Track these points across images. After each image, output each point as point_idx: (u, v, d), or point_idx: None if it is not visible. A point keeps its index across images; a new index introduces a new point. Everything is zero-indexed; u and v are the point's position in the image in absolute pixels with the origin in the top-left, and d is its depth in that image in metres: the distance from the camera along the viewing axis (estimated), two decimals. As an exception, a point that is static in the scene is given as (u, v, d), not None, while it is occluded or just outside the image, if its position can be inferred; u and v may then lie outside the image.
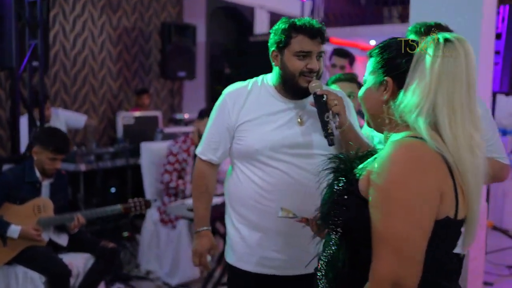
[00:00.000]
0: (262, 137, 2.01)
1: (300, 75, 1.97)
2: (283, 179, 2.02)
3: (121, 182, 4.90)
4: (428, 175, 1.19)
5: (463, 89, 1.22)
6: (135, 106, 6.69)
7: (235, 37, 8.56)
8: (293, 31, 1.96)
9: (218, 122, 2.10)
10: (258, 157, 2.02)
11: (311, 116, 2.04)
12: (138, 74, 7.04)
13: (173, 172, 4.28)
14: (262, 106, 2.05)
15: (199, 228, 2.19)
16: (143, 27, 7.05)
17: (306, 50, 1.94)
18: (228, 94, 2.11)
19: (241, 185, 2.08)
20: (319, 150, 2.01)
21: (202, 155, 2.16)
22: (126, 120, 5.01)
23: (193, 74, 6.80)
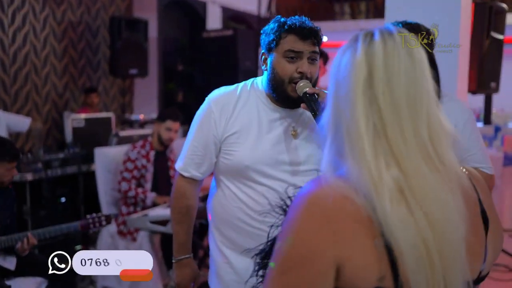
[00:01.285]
0: (253, 151, 1.76)
1: (289, 82, 1.72)
2: (277, 199, 1.77)
3: (72, 191, 4.50)
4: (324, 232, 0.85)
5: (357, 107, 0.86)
6: (83, 106, 6.24)
7: (187, 33, 8.22)
8: (283, 31, 1.73)
9: (202, 134, 1.83)
10: (248, 174, 1.78)
11: (306, 127, 1.81)
12: (85, 72, 6.58)
13: (132, 180, 3.94)
14: (252, 115, 1.79)
15: (180, 256, 1.92)
16: (90, 21, 6.59)
17: (296, 49, 1.70)
18: (214, 101, 1.84)
19: (228, 205, 1.84)
20: (315, 165, 1.78)
21: (184, 171, 1.88)
22: (76, 122, 4.60)
23: (145, 71, 6.42)
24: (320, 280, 0.84)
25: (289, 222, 0.88)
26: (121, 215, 3.98)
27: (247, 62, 7.35)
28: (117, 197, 4.17)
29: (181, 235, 1.91)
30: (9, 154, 2.94)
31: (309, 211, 0.86)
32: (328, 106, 0.92)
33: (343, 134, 0.87)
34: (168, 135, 4.04)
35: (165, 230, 3.43)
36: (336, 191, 0.85)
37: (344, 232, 0.83)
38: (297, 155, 1.77)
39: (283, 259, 0.87)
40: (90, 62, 6.63)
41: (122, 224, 3.93)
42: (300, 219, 0.86)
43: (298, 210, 0.87)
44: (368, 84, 0.86)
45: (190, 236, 1.93)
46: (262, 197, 1.77)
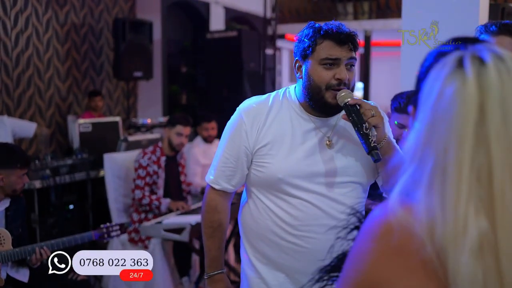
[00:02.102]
0: (287, 164, 1.69)
1: (327, 89, 1.65)
2: (312, 212, 1.70)
3: (80, 198, 4.40)
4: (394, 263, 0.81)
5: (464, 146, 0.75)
6: (87, 110, 6.14)
7: (190, 34, 8.13)
8: (319, 37, 1.66)
9: (233, 145, 1.76)
10: (281, 187, 1.70)
11: (341, 136, 1.73)
12: (89, 74, 6.48)
13: (145, 187, 3.85)
14: (285, 126, 1.72)
15: (212, 271, 1.84)
16: (93, 23, 6.49)
17: (333, 56, 1.63)
18: (245, 111, 1.77)
19: (261, 218, 1.76)
20: (352, 177, 1.71)
21: (215, 184, 1.81)
22: (83, 127, 4.50)
23: (150, 73, 6.33)
24: None
25: (359, 249, 0.84)
26: (132, 222, 3.89)
27: (251, 64, 7.27)
28: (127, 204, 4.08)
29: (213, 250, 1.84)
30: (20, 161, 2.84)
31: (380, 241, 0.81)
32: (418, 133, 0.81)
33: (434, 168, 0.77)
34: (179, 140, 3.96)
35: (180, 238, 3.35)
36: (404, 225, 0.79)
37: (414, 265, 0.78)
38: (332, 166, 1.70)
39: (348, 280, 0.85)
40: (93, 64, 6.53)
41: (134, 231, 3.84)
42: (368, 245, 0.82)
43: (369, 239, 0.83)
44: (479, 123, 0.75)
45: (222, 251, 1.86)
46: (296, 210, 1.70)
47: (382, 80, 9.49)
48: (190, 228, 3.31)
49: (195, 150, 4.66)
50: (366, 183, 1.76)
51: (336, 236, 1.12)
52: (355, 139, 1.70)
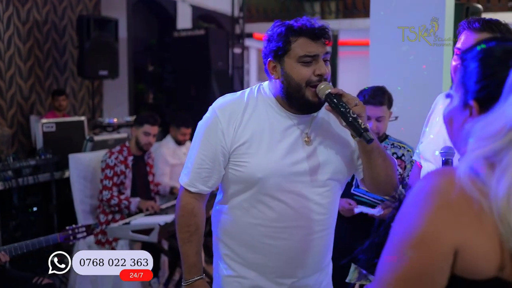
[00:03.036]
0: (267, 163, 1.64)
1: (307, 86, 1.61)
2: (288, 214, 1.67)
3: (44, 200, 4.27)
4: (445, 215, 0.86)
5: None
6: (50, 109, 5.99)
7: (157, 33, 8.03)
8: (292, 34, 1.62)
9: (209, 145, 1.69)
10: (261, 187, 1.66)
11: (319, 132, 1.70)
12: (52, 73, 6.32)
13: (113, 187, 3.76)
14: (263, 123, 1.68)
15: (192, 277, 1.76)
16: (57, 21, 6.33)
17: (312, 53, 1.60)
18: (220, 109, 1.70)
19: (238, 220, 1.72)
20: (331, 174, 1.68)
21: (191, 187, 1.74)
22: (46, 127, 4.37)
23: (116, 72, 6.20)
24: (437, 264, 0.85)
25: (406, 207, 0.89)
26: (99, 224, 3.80)
27: (219, 63, 7.23)
28: (93, 205, 3.98)
29: (191, 256, 1.76)
30: None
31: (430, 196, 0.86)
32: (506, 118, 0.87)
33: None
34: (147, 140, 3.89)
35: (148, 239, 3.29)
36: (464, 188, 0.85)
37: (466, 217, 0.84)
38: (312, 163, 1.66)
39: (400, 240, 0.88)
40: (57, 63, 6.37)
41: (101, 233, 3.75)
42: (418, 203, 0.87)
43: (417, 195, 0.88)
44: None
45: (200, 256, 1.79)
46: (273, 212, 1.67)
47: (349, 79, 9.58)
48: (158, 229, 3.25)
49: (164, 150, 4.59)
50: (344, 179, 1.74)
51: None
52: (334, 134, 1.69)
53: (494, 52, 0.99)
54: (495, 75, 0.95)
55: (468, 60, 1.01)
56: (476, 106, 0.97)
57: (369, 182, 1.71)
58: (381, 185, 1.69)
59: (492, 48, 0.99)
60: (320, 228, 1.70)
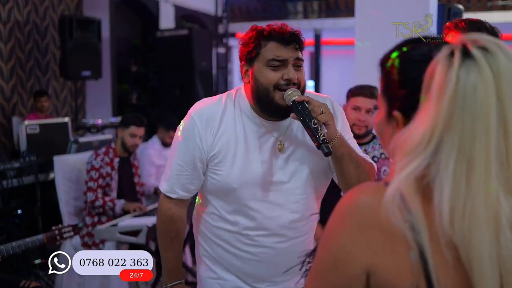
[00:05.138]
0: (242, 173, 1.63)
1: (275, 89, 1.58)
2: (265, 223, 1.66)
3: (29, 203, 4.22)
4: (355, 238, 0.85)
5: (490, 133, 0.78)
6: (32, 110, 5.91)
7: (140, 33, 7.98)
8: (262, 38, 1.59)
9: (187, 151, 1.65)
10: (236, 196, 1.65)
11: (293, 140, 1.68)
12: (34, 74, 6.24)
13: (98, 189, 3.74)
14: (238, 131, 1.66)
15: (172, 281, 1.77)
16: (38, 21, 6.25)
17: (280, 58, 1.57)
18: (197, 114, 1.66)
19: (215, 225, 1.72)
20: (306, 181, 1.68)
21: (171, 193, 1.71)
22: (30, 128, 4.32)
23: (99, 73, 6.15)
24: (352, 284, 0.85)
25: (329, 223, 0.90)
26: (85, 226, 3.77)
27: (203, 63, 7.20)
28: (79, 207, 3.95)
29: (171, 260, 1.77)
30: None
31: (347, 215, 0.86)
32: (429, 122, 0.81)
33: (459, 155, 0.79)
34: (133, 141, 3.87)
35: (136, 241, 3.27)
36: (376, 198, 0.83)
37: (377, 239, 0.83)
38: (286, 171, 1.66)
39: (318, 261, 0.90)
40: (39, 63, 6.30)
41: (87, 235, 3.72)
42: (337, 221, 0.88)
43: (338, 212, 0.88)
44: (498, 109, 0.79)
45: (180, 260, 1.80)
46: (250, 220, 1.66)
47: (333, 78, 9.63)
48: (146, 230, 3.24)
49: (150, 151, 4.57)
50: (321, 185, 1.73)
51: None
52: (308, 141, 1.66)
53: (411, 57, 0.93)
54: (414, 82, 0.87)
55: (387, 67, 0.94)
56: (400, 116, 0.92)
57: (342, 188, 1.70)
58: None
59: (409, 53, 0.93)
60: (297, 235, 1.70)
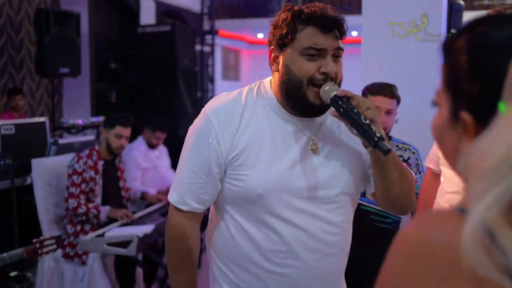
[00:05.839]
0: (269, 176, 1.40)
1: (309, 84, 1.37)
2: (296, 236, 1.42)
3: (4, 209, 3.89)
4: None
5: None
6: (6, 110, 5.57)
7: (119, 28, 7.66)
8: (300, 22, 1.37)
9: (201, 155, 1.44)
10: (262, 205, 1.41)
11: (328, 140, 1.46)
12: (8, 71, 5.88)
13: (80, 195, 3.45)
14: (263, 129, 1.43)
15: None
16: (12, 15, 5.89)
17: (318, 46, 1.36)
18: (214, 112, 1.45)
19: (234, 242, 1.47)
20: (342, 188, 1.45)
21: (182, 205, 1.47)
22: (4, 129, 3.99)
23: (78, 70, 5.83)
24: None
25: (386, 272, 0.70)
26: (67, 235, 3.48)
27: (186, 60, 6.96)
28: (60, 214, 3.65)
29: (183, 285, 1.51)
30: None
31: (414, 260, 0.66)
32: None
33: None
34: (119, 143, 3.59)
35: (126, 253, 3.00)
36: (453, 233, 0.62)
37: None
38: (321, 176, 1.43)
39: None
40: (12, 60, 5.94)
41: (69, 246, 3.43)
42: (402, 271, 0.67)
43: (399, 257, 0.68)
44: None
45: (194, 285, 1.54)
46: (278, 234, 1.42)
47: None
48: (137, 241, 2.97)
49: (135, 152, 4.29)
50: (357, 194, 1.51)
51: None
52: (345, 142, 1.46)
53: (488, 40, 0.69)
54: (492, 73, 0.67)
55: (452, 52, 0.72)
56: (470, 119, 0.70)
57: (381, 199, 1.49)
58: (395, 202, 1.48)
59: (486, 34, 0.70)
60: (333, 250, 1.46)
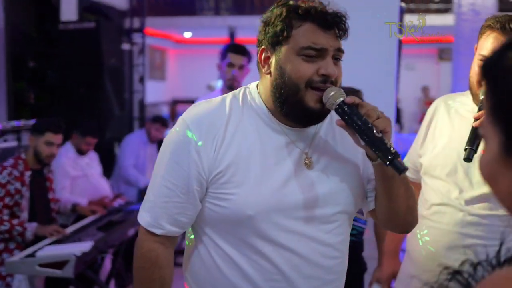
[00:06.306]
0: (260, 195, 1.24)
1: (308, 88, 1.22)
2: (291, 262, 1.26)
3: None
4: None
5: None
6: None
7: (38, 24, 7.10)
8: (296, 18, 1.23)
9: (179, 170, 1.26)
10: (251, 228, 1.25)
11: (322, 153, 1.31)
12: None
13: (3, 210, 3.08)
14: (251, 141, 1.27)
15: None
16: None
17: (318, 45, 1.21)
18: (194, 122, 1.27)
19: (217, 270, 1.29)
20: (339, 206, 1.30)
21: (155, 228, 1.29)
22: None
23: (-8, 69, 5.31)
24: None
25: None
26: (-12, 256, 3.10)
27: (112, 59, 6.61)
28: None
29: None
30: None
31: None
32: None
33: None
34: (49, 151, 3.27)
35: (62, 274, 2.71)
36: None
37: None
38: (315, 193, 1.28)
39: None
40: None
41: (-8, 267, 3.06)
42: None
43: None
44: None
45: None
46: (269, 261, 1.26)
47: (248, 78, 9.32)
48: (75, 261, 2.68)
49: (63, 160, 3.94)
50: (353, 213, 1.37)
51: None
52: (341, 154, 1.32)
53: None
54: None
55: (500, 74, 0.64)
56: None
57: (384, 217, 1.35)
58: (399, 220, 1.35)
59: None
60: (332, 276, 1.32)
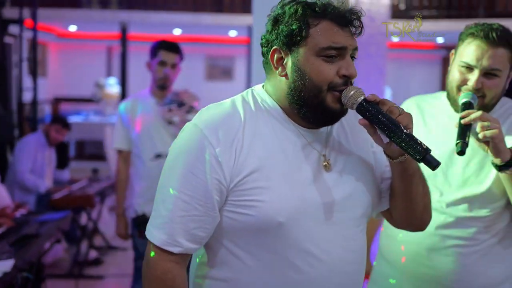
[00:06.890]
0: (290, 200, 1.15)
1: (329, 90, 1.16)
2: (321, 271, 1.18)
3: None
4: None
5: None
6: None
7: None
8: (313, 16, 1.16)
9: (196, 180, 1.14)
10: (281, 237, 1.15)
11: (338, 153, 1.24)
12: None
13: None
14: (272, 144, 1.18)
15: None
16: None
17: (338, 44, 1.15)
18: (210, 127, 1.17)
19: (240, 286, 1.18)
20: (362, 208, 1.25)
21: (172, 246, 1.16)
22: None
23: None
24: None
25: None
26: None
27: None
28: None
29: None
30: None
31: None
32: None
33: None
34: None
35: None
36: None
37: None
38: (338, 197, 1.21)
39: None
40: None
41: None
42: None
43: None
44: None
45: None
46: (299, 272, 1.16)
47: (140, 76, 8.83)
48: None
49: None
50: (371, 214, 1.31)
51: None
52: (356, 154, 1.27)
53: None
54: None
55: None
56: None
57: (400, 216, 1.32)
58: (416, 219, 1.32)
59: None
60: (354, 283, 1.25)
